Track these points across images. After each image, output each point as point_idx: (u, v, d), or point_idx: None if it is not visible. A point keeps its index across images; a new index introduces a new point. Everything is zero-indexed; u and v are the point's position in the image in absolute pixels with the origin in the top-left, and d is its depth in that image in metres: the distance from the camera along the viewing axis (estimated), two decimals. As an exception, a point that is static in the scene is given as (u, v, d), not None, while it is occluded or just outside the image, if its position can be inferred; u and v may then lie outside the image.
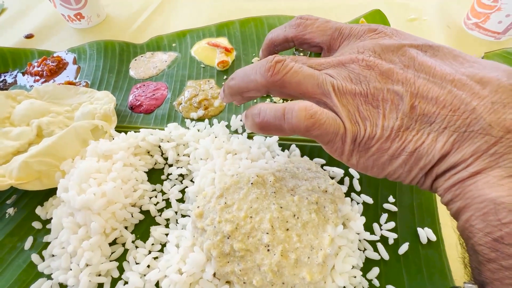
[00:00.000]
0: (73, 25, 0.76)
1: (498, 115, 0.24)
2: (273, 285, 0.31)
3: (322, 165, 0.44)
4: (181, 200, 0.44)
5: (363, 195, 0.41)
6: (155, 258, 0.38)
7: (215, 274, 0.33)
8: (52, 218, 0.41)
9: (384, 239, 0.38)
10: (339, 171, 0.43)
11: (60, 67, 0.65)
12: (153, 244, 0.40)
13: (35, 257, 0.40)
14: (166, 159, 0.48)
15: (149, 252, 0.39)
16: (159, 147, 0.49)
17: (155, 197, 0.44)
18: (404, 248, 0.37)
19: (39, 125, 0.48)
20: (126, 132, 0.48)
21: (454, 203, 0.26)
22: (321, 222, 0.34)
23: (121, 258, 0.39)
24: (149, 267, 0.37)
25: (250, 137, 0.48)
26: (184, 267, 0.34)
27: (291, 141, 0.48)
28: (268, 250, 0.32)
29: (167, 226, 0.42)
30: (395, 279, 0.36)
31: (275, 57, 0.31)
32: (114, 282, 0.37)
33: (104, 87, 0.60)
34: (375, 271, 0.36)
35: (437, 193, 0.28)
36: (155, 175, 0.47)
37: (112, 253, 0.39)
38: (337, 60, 0.31)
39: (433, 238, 0.38)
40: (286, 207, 0.34)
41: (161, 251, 0.40)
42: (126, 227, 0.42)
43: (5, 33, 0.77)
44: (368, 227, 0.38)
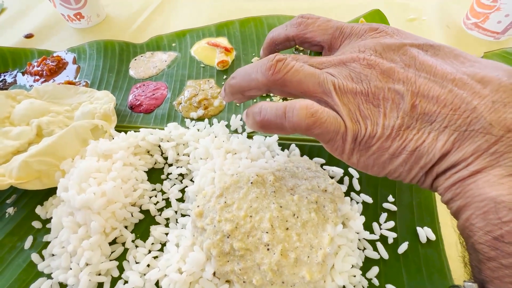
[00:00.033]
0: (73, 25, 0.76)
1: (498, 114, 0.24)
2: (272, 284, 0.31)
3: (321, 165, 0.44)
4: (181, 199, 0.44)
5: (362, 195, 0.41)
6: (155, 257, 0.38)
7: (215, 273, 0.33)
8: (52, 217, 0.41)
9: (383, 238, 0.38)
10: (338, 171, 0.43)
11: (60, 66, 0.65)
12: (153, 243, 0.40)
13: (35, 257, 0.40)
14: (166, 159, 0.48)
15: (149, 251, 0.39)
16: (159, 146, 0.49)
17: (155, 196, 0.45)
18: (403, 247, 0.37)
19: (39, 124, 0.48)
20: (126, 131, 0.48)
21: (454, 202, 0.26)
22: (320, 221, 0.34)
23: (121, 257, 0.39)
24: (149, 266, 0.37)
25: (249, 137, 0.48)
26: (184, 266, 0.34)
27: (290, 140, 0.48)
28: (267, 249, 0.32)
29: (167, 225, 0.42)
30: (394, 278, 0.36)
31: (276, 56, 0.31)
32: (114, 281, 0.37)
33: (104, 86, 0.60)
34: (375, 270, 0.36)
35: (437, 192, 0.28)
36: (155, 175, 0.47)
37: (112, 253, 0.39)
38: (338, 59, 0.31)
39: (433, 237, 0.38)
40: (285, 206, 0.34)
41: (161, 250, 0.40)
42: (126, 227, 0.42)
43: (5, 33, 0.77)
44: (367, 227, 0.39)
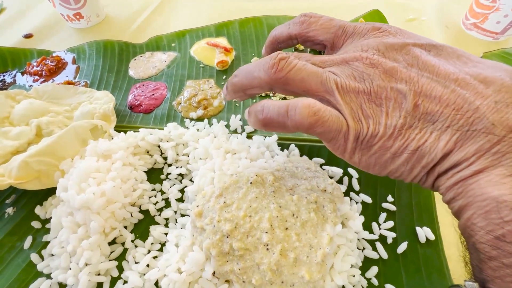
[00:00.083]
0: (72, 25, 0.76)
1: (501, 114, 0.24)
2: (272, 284, 0.31)
3: (321, 165, 0.44)
4: (181, 199, 0.44)
5: (362, 195, 0.41)
6: (155, 257, 0.38)
7: (214, 273, 0.33)
8: (51, 217, 0.41)
9: (383, 238, 0.38)
10: (338, 171, 0.43)
11: (59, 66, 0.65)
12: (152, 243, 0.40)
13: (34, 257, 0.40)
14: (165, 159, 0.48)
15: (149, 251, 0.39)
16: (159, 146, 0.49)
17: (155, 196, 0.44)
18: (402, 247, 0.37)
19: (38, 124, 0.48)
20: (125, 131, 0.48)
21: (456, 201, 0.26)
22: (320, 221, 0.34)
23: (121, 257, 0.39)
24: (148, 266, 0.37)
25: (249, 137, 0.48)
26: (183, 266, 0.34)
27: (290, 140, 0.48)
28: (267, 249, 0.32)
29: (166, 225, 0.42)
30: (393, 278, 0.36)
31: (279, 54, 0.30)
32: (113, 281, 0.37)
33: (103, 87, 0.60)
34: (374, 270, 0.36)
35: (438, 192, 0.28)
36: (154, 175, 0.47)
37: (111, 253, 0.39)
38: (340, 58, 0.31)
39: (432, 237, 0.38)
40: (285, 206, 0.34)
41: (161, 250, 0.40)
42: (125, 227, 0.42)
43: (5, 33, 0.77)
44: (367, 226, 0.39)
